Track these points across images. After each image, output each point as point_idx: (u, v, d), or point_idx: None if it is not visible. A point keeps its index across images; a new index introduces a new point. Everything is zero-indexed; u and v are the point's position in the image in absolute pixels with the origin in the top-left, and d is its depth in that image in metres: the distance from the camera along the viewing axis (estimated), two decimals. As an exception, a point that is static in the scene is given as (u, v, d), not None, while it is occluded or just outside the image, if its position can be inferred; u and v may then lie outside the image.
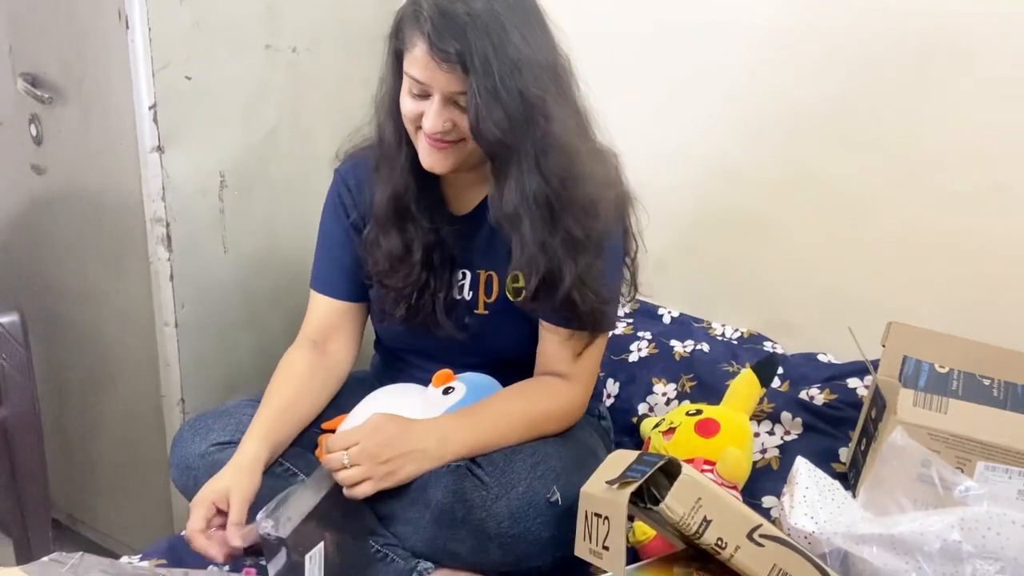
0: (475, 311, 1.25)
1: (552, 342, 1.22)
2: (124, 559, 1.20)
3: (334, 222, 1.31)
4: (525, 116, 1.07)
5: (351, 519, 1.10)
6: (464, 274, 1.26)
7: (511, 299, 1.23)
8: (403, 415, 1.17)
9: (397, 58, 1.14)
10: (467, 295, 1.26)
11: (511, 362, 1.26)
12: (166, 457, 1.26)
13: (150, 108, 1.43)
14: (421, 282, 1.23)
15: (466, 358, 1.26)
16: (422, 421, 1.13)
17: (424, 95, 1.11)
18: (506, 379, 1.24)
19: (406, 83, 1.12)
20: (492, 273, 1.24)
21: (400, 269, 1.22)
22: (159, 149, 1.45)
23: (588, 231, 1.15)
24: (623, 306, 1.32)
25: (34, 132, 1.61)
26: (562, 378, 1.22)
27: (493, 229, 1.22)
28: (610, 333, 1.27)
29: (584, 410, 1.26)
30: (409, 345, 1.32)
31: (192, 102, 1.48)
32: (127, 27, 1.39)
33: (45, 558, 0.96)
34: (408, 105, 1.13)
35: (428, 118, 1.10)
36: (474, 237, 1.25)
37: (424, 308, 1.23)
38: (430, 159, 1.15)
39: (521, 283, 1.21)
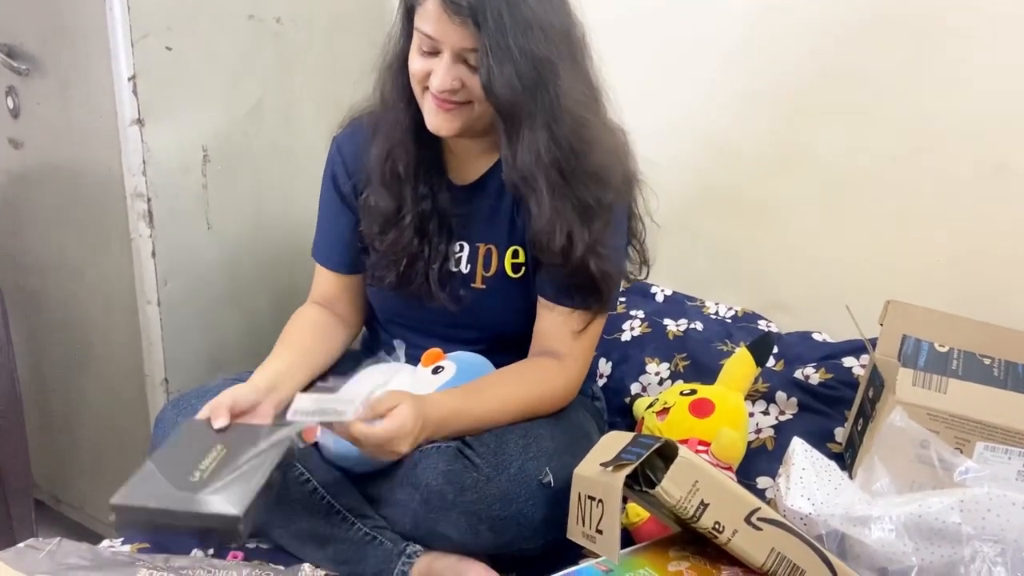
0: (472, 285, 1.23)
1: (550, 319, 1.20)
2: (105, 543, 1.18)
3: (328, 193, 1.30)
4: (536, 77, 1.05)
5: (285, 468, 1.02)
6: (462, 246, 1.23)
7: (510, 275, 1.20)
8: None
9: (408, 16, 1.12)
10: (464, 268, 1.23)
11: (507, 339, 1.24)
12: (150, 437, 1.23)
13: (129, 79, 1.39)
14: (413, 249, 1.20)
15: (462, 333, 1.24)
16: (431, 402, 1.08)
17: (434, 52, 1.08)
18: (502, 357, 1.22)
19: (416, 40, 1.10)
20: (492, 247, 1.22)
21: (389, 231, 1.20)
22: (139, 122, 1.41)
23: (598, 198, 1.13)
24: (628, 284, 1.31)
25: (11, 105, 1.57)
26: (557, 358, 1.19)
27: (496, 201, 1.20)
28: (607, 315, 1.25)
29: (577, 391, 1.24)
30: (403, 318, 1.30)
31: (173, 74, 1.44)
32: (105, -5, 1.36)
33: (21, 544, 0.93)
34: (417, 64, 1.10)
35: (436, 76, 1.08)
36: (475, 209, 1.23)
37: (416, 278, 1.21)
38: (436, 119, 1.12)
39: (521, 258, 1.20)
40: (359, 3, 1.71)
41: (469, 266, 1.23)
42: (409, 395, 1.06)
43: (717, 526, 0.90)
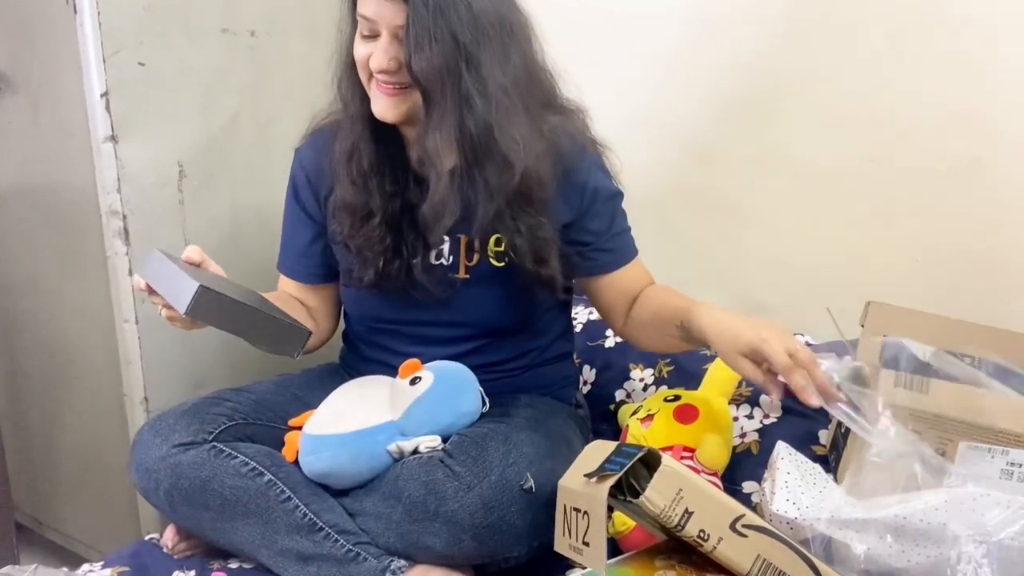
0: (456, 275, 1.23)
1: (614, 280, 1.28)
2: (85, 567, 1.16)
3: (290, 204, 1.32)
4: (454, 59, 1.08)
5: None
6: (443, 238, 1.23)
7: (494, 264, 1.22)
8: (372, 405, 1.16)
9: (353, 7, 1.15)
10: (447, 260, 1.23)
11: (497, 334, 1.24)
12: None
13: (102, 96, 1.37)
14: (387, 246, 1.21)
15: (449, 331, 1.24)
16: None
17: (373, 35, 1.12)
18: (492, 355, 1.23)
19: (358, 27, 1.13)
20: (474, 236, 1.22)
21: (359, 229, 1.21)
22: (113, 139, 1.40)
23: (507, 181, 1.13)
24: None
25: (-18, 124, 1.56)
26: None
27: (469, 193, 1.20)
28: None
29: None
30: (386, 322, 1.29)
31: (146, 89, 1.42)
32: (75, 11, 1.35)
33: (-3, 571, 0.92)
34: (360, 50, 1.14)
35: (375, 57, 1.11)
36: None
37: (396, 275, 1.21)
38: (380, 104, 1.15)
39: (504, 247, 1.20)
40: (334, 15, 1.70)
41: (452, 257, 1.23)
42: None
43: (702, 534, 0.89)
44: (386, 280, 1.22)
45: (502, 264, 1.22)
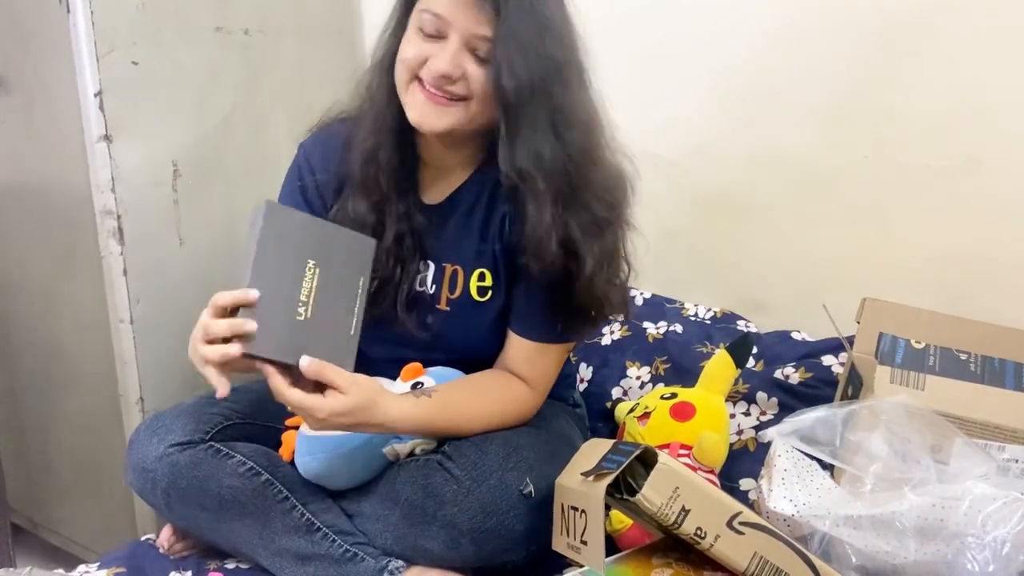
0: (437, 306, 1.19)
1: (519, 347, 1.17)
2: (81, 568, 1.16)
3: (292, 199, 1.24)
4: (546, 79, 1.02)
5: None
6: (427, 265, 1.20)
7: (476, 299, 1.18)
8: None
9: (407, 7, 1.07)
10: (430, 288, 1.20)
11: (473, 362, 1.20)
12: (125, 457, 1.21)
13: (96, 95, 1.37)
14: (386, 271, 1.16)
15: (428, 353, 1.20)
16: (393, 409, 1.05)
17: (438, 35, 1.03)
18: (477, 369, 1.19)
19: (416, 23, 1.04)
20: (458, 268, 1.18)
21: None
22: (107, 138, 1.39)
23: (608, 212, 1.09)
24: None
25: (-25, 124, 1.55)
26: (526, 382, 1.17)
27: (465, 220, 1.17)
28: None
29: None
30: (370, 334, 1.26)
31: (140, 88, 1.42)
32: (68, 11, 1.34)
33: (-8, 574, 0.91)
34: (411, 49, 1.04)
35: (439, 58, 1.02)
36: (443, 228, 1.19)
37: (384, 300, 1.17)
38: (423, 111, 1.05)
39: (488, 282, 1.17)
40: (328, 13, 1.70)
41: (435, 287, 1.19)
42: (372, 390, 1.02)
43: (699, 532, 0.89)
44: (372, 305, 1.16)
45: (484, 299, 1.18)
